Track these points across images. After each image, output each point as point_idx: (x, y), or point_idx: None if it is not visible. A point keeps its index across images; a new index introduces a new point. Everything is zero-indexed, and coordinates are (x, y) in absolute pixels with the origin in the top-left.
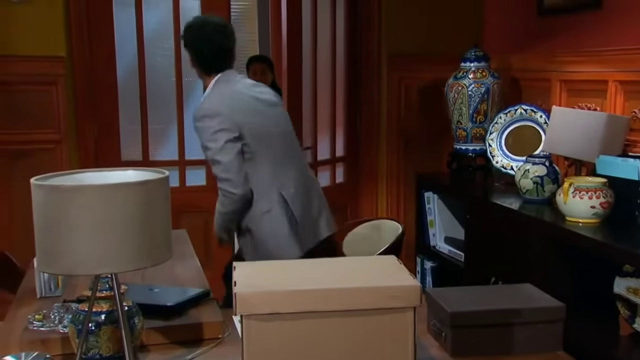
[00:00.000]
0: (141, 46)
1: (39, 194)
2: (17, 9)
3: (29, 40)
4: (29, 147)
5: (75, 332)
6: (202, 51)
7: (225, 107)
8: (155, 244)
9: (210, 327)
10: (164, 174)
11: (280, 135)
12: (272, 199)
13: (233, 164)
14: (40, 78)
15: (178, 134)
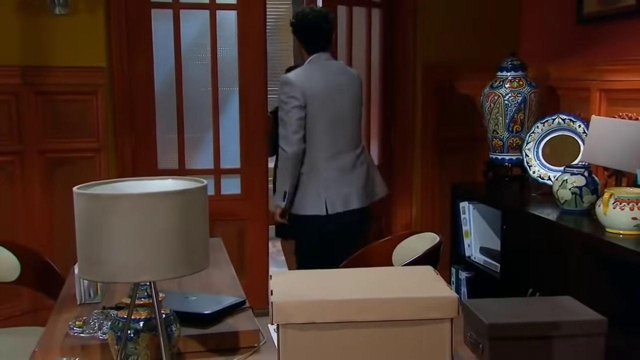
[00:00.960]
0: (178, 57)
1: (80, 202)
2: (60, 20)
3: (70, 51)
4: (69, 156)
5: (115, 338)
6: (308, 34)
7: (302, 80)
8: (194, 253)
9: (246, 335)
10: (202, 183)
11: (338, 115)
12: (312, 163)
13: (292, 125)
14: (80, 88)
15: (214, 143)
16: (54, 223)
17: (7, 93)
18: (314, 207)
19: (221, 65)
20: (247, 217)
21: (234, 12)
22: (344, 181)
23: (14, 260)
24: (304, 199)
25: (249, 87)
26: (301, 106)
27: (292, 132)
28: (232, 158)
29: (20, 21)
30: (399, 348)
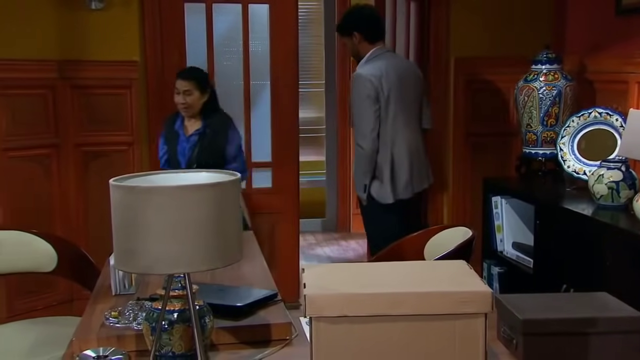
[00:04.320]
0: (210, 50)
1: (116, 195)
2: (95, 15)
3: (105, 46)
4: (103, 149)
5: (149, 329)
6: (371, 25)
7: (373, 75)
8: (227, 245)
9: (278, 328)
10: (235, 175)
11: (404, 105)
12: (385, 156)
13: (369, 119)
14: (115, 82)
15: (245, 137)
16: (89, 215)
17: (44, 87)
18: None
19: (253, 59)
20: (278, 210)
21: (266, 5)
22: (414, 169)
23: (51, 251)
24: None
25: (280, 81)
26: (377, 102)
27: (369, 130)
28: (263, 151)
29: (58, 16)
30: (432, 342)
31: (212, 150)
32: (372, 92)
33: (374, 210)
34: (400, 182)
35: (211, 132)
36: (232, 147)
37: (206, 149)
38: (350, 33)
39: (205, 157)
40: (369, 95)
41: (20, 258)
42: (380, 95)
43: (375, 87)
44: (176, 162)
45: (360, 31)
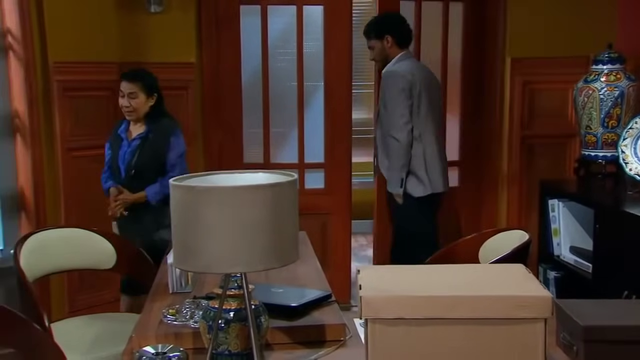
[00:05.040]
0: (265, 52)
1: (176, 194)
2: (154, 18)
3: (163, 48)
4: None
5: (206, 327)
6: (402, 30)
7: (406, 72)
8: (284, 245)
9: (332, 329)
10: (292, 176)
11: (431, 106)
12: (418, 149)
13: (404, 116)
14: (172, 83)
15: (298, 138)
16: None
17: (105, 89)
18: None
19: (307, 60)
20: (331, 211)
21: (321, 7)
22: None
23: (110, 249)
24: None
25: (334, 82)
26: (410, 97)
27: (404, 122)
28: (316, 152)
29: (118, 19)
30: (490, 347)
31: (152, 155)
32: (406, 86)
33: (407, 206)
34: (434, 174)
35: (153, 137)
36: (173, 155)
37: (146, 155)
38: (383, 36)
39: (145, 163)
40: (403, 89)
41: (82, 255)
42: (413, 91)
43: (410, 82)
44: (116, 167)
45: (393, 35)
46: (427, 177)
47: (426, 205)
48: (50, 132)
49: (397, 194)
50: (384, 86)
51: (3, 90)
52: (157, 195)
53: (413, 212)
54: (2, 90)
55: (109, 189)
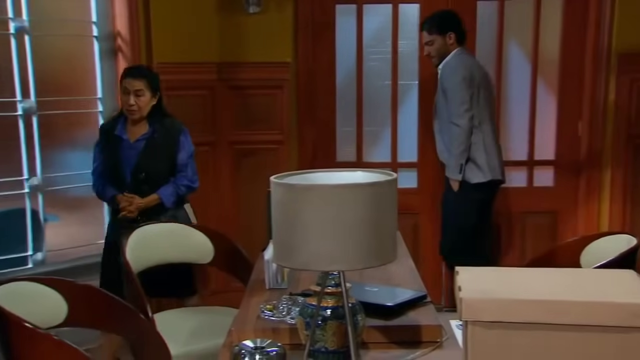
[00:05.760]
0: (360, 51)
1: (277, 192)
2: (252, 19)
3: (260, 48)
4: (255, 147)
5: (303, 324)
6: (461, 28)
7: (466, 65)
8: (383, 245)
9: (428, 330)
10: (392, 175)
11: (488, 99)
12: (478, 136)
13: (465, 104)
14: (268, 83)
15: (391, 137)
16: (240, 210)
17: (205, 88)
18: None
19: (401, 59)
20: (422, 210)
21: (417, 5)
22: (500, 155)
23: (209, 244)
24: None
25: (429, 81)
26: (471, 86)
27: (465, 109)
28: (409, 152)
29: (219, 21)
30: (599, 356)
31: (161, 156)
32: (467, 75)
33: (463, 193)
34: (493, 161)
35: (160, 137)
36: (184, 154)
37: (155, 156)
38: (446, 32)
39: (154, 165)
40: (464, 78)
41: (182, 249)
42: (474, 81)
43: (471, 73)
44: (119, 171)
45: (456, 32)
46: (486, 164)
47: (483, 192)
48: None
49: (454, 180)
50: (443, 76)
51: (112, 90)
52: (171, 197)
53: (468, 199)
54: (112, 90)
55: (112, 197)
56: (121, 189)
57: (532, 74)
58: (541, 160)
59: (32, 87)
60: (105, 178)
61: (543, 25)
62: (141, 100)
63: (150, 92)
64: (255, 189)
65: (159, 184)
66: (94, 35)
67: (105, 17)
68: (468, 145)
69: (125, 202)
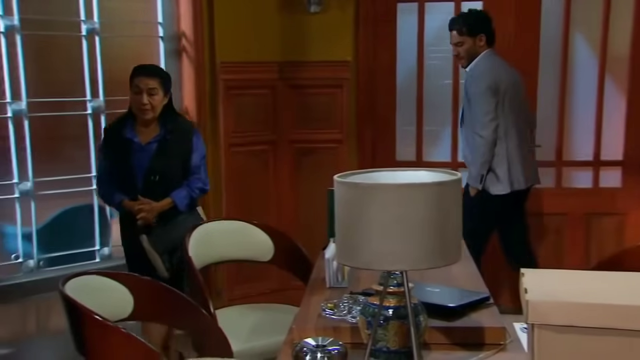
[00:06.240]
0: (421, 50)
1: (340, 190)
2: (313, 18)
3: (321, 47)
4: (315, 146)
5: (365, 323)
6: (491, 30)
7: (492, 71)
8: (448, 245)
9: (492, 332)
10: (456, 175)
11: (516, 103)
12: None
13: (490, 114)
14: (328, 81)
15: (452, 136)
16: (299, 208)
17: (266, 87)
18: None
19: None
20: None
21: (480, 2)
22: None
23: (269, 242)
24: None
25: None
26: (496, 94)
27: (489, 119)
28: None
29: (280, 20)
30: None
31: (175, 158)
32: (492, 84)
33: (482, 201)
34: (516, 172)
35: (173, 139)
36: (197, 156)
37: (168, 158)
38: (477, 34)
39: (168, 166)
40: (489, 86)
41: (242, 247)
42: (499, 89)
43: (495, 81)
44: (130, 175)
45: (486, 33)
46: (507, 176)
47: (502, 203)
48: (214, 129)
49: (473, 188)
50: (468, 83)
51: (176, 89)
52: (185, 200)
53: (486, 207)
54: (176, 90)
55: (120, 203)
56: (131, 194)
57: (600, 71)
58: (608, 160)
59: (101, 87)
60: (112, 183)
61: (613, 19)
62: (155, 100)
63: (163, 91)
64: (314, 188)
65: (172, 187)
66: (160, 36)
67: (170, 18)
68: (491, 157)
69: (142, 206)
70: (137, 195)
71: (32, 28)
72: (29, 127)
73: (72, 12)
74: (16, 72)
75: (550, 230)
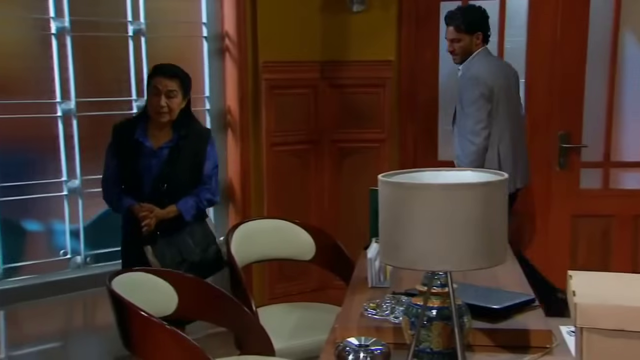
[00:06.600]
0: None
1: (385, 190)
2: (356, 17)
3: (363, 47)
4: (357, 145)
5: (409, 324)
6: (488, 27)
7: (487, 74)
8: (494, 246)
9: (537, 335)
10: (502, 176)
11: (509, 103)
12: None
13: (481, 117)
14: (370, 81)
15: None
16: (340, 208)
17: (307, 87)
18: None
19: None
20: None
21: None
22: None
23: (310, 241)
24: None
25: (536, 79)
26: (490, 101)
27: (481, 127)
28: None
29: (322, 19)
30: None
31: (187, 166)
32: (486, 92)
33: None
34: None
35: (186, 145)
36: (210, 165)
37: (180, 166)
38: (475, 31)
39: (178, 176)
40: (482, 94)
41: (284, 246)
42: (493, 95)
43: (490, 88)
44: (138, 180)
45: (484, 31)
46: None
47: None
48: (257, 128)
49: None
50: (462, 87)
51: (219, 89)
52: (191, 211)
53: None
54: (219, 89)
55: (129, 208)
56: (138, 200)
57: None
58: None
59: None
60: (120, 186)
61: None
62: (173, 102)
63: (182, 93)
64: (355, 187)
65: (180, 196)
66: (204, 36)
67: (214, 18)
68: (482, 164)
69: (145, 211)
70: (141, 202)
71: (81, 29)
72: (77, 126)
73: (120, 13)
74: (66, 72)
75: (597, 233)
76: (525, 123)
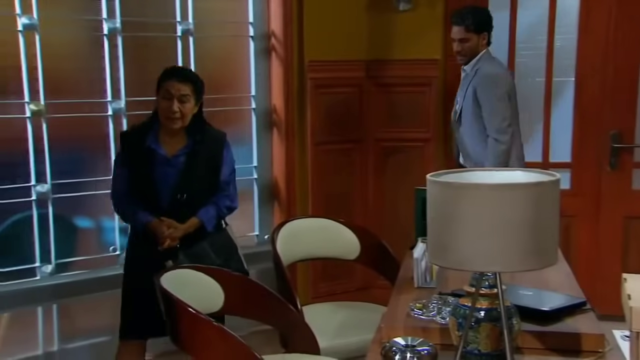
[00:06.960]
0: (512, 47)
1: (433, 189)
2: (402, 16)
3: (409, 45)
4: (401, 145)
5: (456, 325)
6: (492, 27)
7: (504, 74)
8: (544, 247)
9: (589, 338)
10: (554, 176)
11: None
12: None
13: (506, 115)
14: (415, 80)
15: (543, 136)
16: (385, 207)
17: (352, 86)
18: None
19: (557, 54)
20: (576, 213)
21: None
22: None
23: (355, 240)
24: None
25: (586, 78)
26: (510, 99)
27: (507, 125)
28: (562, 151)
29: (368, 18)
30: None
31: (205, 173)
32: (507, 90)
33: None
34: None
35: (203, 151)
36: (227, 170)
37: (198, 173)
38: (482, 31)
39: (197, 185)
40: (506, 92)
41: (329, 245)
42: (511, 93)
43: (509, 85)
44: (152, 191)
45: (490, 32)
46: None
47: None
48: (302, 127)
49: None
50: (481, 85)
51: (265, 88)
52: (213, 220)
53: None
54: (264, 88)
55: (146, 224)
56: (155, 213)
57: None
58: None
59: None
60: (132, 198)
61: None
62: (186, 107)
63: (195, 98)
64: (401, 187)
65: (199, 206)
66: (250, 36)
67: (261, 17)
68: (507, 162)
69: (167, 229)
70: (160, 217)
71: (131, 30)
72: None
73: (169, 13)
74: (117, 72)
75: None
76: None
